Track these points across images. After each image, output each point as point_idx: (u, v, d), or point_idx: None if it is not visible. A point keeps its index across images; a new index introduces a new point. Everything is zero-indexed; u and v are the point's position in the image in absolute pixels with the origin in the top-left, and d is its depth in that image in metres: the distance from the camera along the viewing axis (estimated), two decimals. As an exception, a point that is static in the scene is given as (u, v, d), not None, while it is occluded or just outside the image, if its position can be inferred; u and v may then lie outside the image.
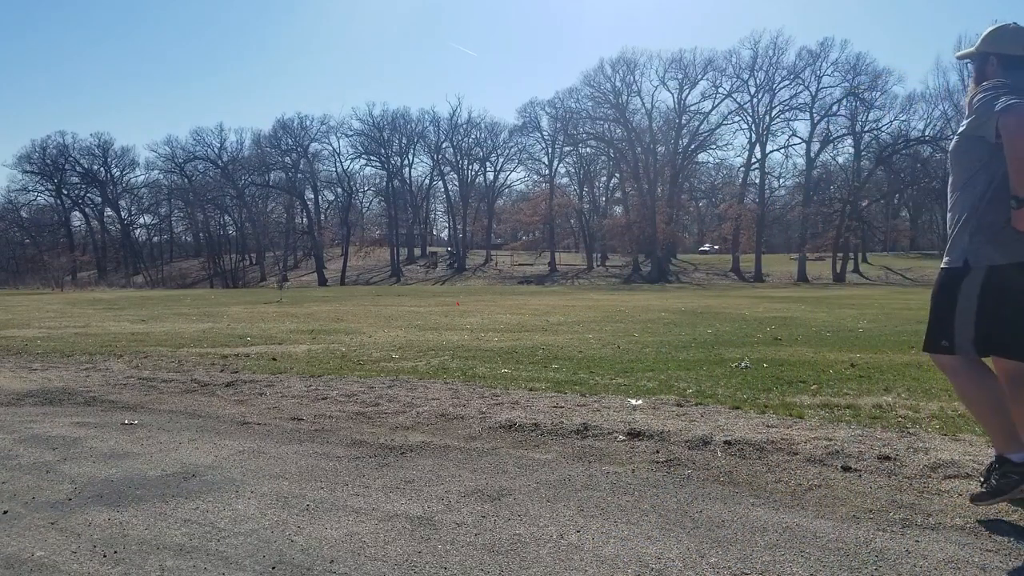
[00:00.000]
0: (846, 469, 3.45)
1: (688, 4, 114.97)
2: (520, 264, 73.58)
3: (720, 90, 62.83)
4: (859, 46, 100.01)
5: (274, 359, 8.20)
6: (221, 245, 79.13)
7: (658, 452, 3.86)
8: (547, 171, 73.60)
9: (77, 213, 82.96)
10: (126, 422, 4.81)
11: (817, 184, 62.34)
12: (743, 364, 7.09)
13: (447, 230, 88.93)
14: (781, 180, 71.70)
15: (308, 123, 74.97)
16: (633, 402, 5.19)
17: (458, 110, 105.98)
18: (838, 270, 56.27)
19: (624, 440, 4.11)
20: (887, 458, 3.57)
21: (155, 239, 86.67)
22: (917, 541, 2.57)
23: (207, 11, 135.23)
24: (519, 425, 4.49)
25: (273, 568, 2.39)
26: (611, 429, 4.31)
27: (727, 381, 6.12)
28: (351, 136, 75.51)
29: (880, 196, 63.71)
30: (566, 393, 5.66)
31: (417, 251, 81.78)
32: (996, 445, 2.84)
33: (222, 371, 7.26)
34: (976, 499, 2.85)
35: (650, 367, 7.13)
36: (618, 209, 74.63)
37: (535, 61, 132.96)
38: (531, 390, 5.82)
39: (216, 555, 2.51)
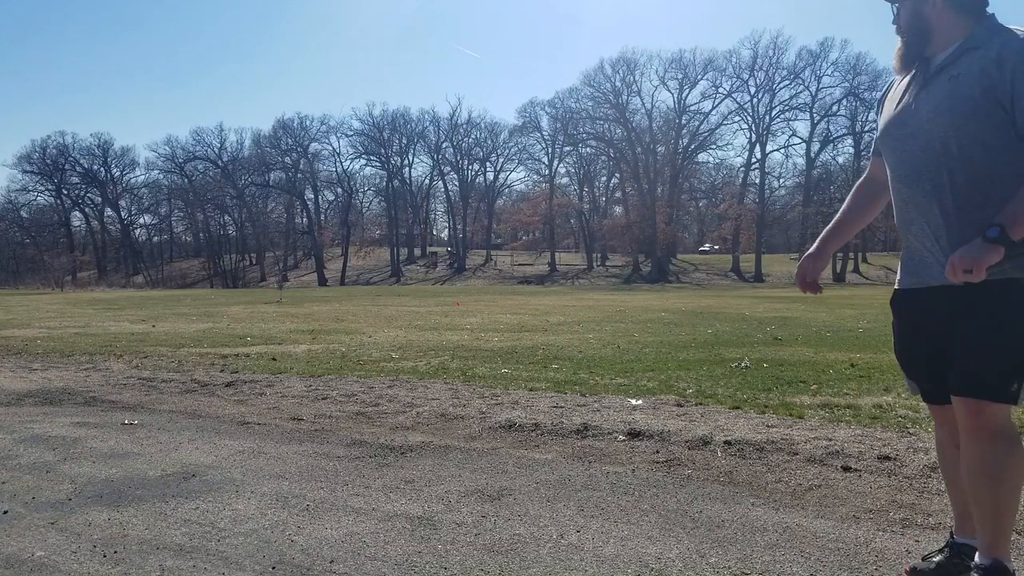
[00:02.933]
0: (846, 469, 3.45)
1: (688, 4, 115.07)
2: (520, 264, 73.52)
3: (720, 90, 63.00)
4: (859, 46, 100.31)
5: (274, 359, 8.20)
6: (221, 245, 79.09)
7: (658, 452, 3.86)
8: (547, 171, 73.70)
9: (77, 213, 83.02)
10: (126, 422, 4.81)
11: (817, 184, 62.37)
12: (743, 364, 7.09)
13: (447, 230, 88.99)
14: (781, 180, 71.70)
15: (308, 123, 75.08)
16: (633, 402, 5.19)
17: (458, 110, 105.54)
18: (838, 270, 56.26)
19: (624, 440, 4.11)
20: (887, 458, 3.57)
21: (155, 239, 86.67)
22: (917, 541, 2.57)
23: (207, 11, 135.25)
24: (519, 425, 4.49)
25: (273, 568, 2.39)
26: (611, 429, 4.31)
27: (727, 381, 6.12)
28: (351, 136, 75.63)
29: (880, 196, 63.71)
30: (566, 393, 5.66)
31: (417, 251, 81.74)
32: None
33: (222, 371, 7.26)
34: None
35: (650, 367, 7.13)
36: (618, 209, 74.70)
37: (535, 61, 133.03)
38: (531, 390, 5.82)
39: (216, 555, 2.51)
